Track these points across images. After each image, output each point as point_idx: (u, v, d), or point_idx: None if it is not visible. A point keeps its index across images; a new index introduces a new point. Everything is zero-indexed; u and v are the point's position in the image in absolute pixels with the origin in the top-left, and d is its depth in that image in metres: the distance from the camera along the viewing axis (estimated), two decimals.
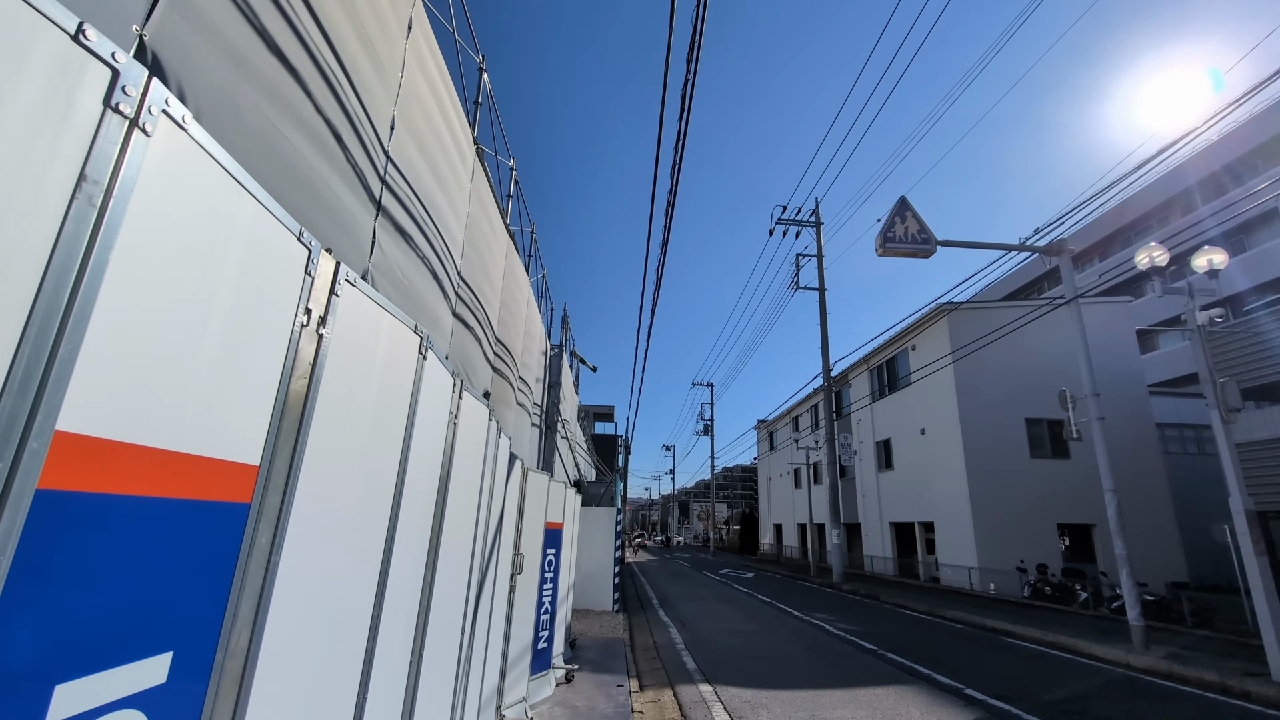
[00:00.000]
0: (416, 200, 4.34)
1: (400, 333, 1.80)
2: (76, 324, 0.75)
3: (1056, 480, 18.65)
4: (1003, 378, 19.31)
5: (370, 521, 1.69)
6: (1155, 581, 14.60)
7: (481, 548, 3.34)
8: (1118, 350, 20.07)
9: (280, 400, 1.25)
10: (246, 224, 1.09)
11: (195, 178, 0.96)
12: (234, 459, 1.12)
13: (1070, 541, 19.21)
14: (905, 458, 22.80)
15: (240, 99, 2.33)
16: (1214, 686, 7.25)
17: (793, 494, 35.27)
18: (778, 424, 39.82)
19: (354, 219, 3.42)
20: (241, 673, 1.19)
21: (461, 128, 5.20)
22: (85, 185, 0.76)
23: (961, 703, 6.21)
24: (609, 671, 6.99)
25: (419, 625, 2.15)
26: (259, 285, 1.15)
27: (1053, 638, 10.00)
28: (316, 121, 2.97)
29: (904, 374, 22.68)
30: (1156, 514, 18.44)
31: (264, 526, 1.23)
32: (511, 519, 4.82)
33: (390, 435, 1.77)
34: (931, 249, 10.60)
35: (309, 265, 1.30)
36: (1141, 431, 19.44)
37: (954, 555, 19.23)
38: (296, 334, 1.28)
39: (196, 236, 0.97)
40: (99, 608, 0.84)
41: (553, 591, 6.26)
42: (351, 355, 1.52)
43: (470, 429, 2.77)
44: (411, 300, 4.16)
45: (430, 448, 2.15)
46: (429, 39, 4.51)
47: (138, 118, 0.83)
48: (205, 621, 1.08)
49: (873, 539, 25.20)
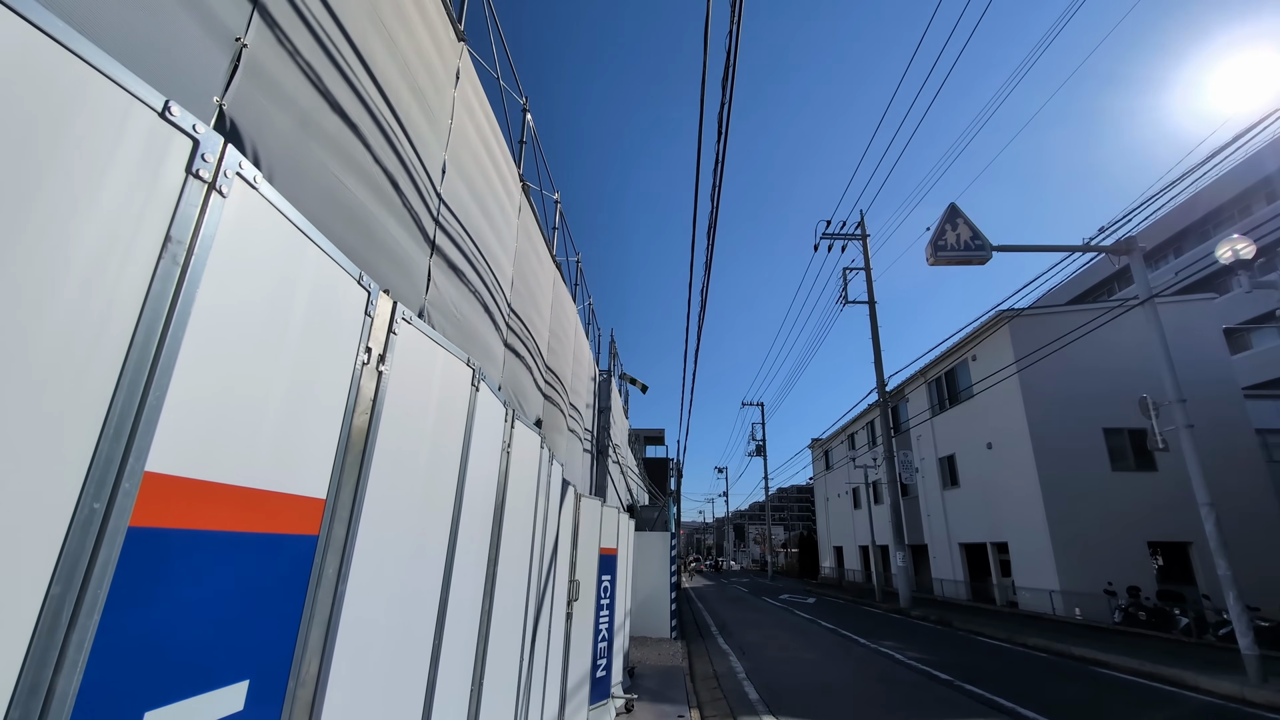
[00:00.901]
0: (468, 237, 4.53)
1: (454, 366, 1.87)
2: (163, 372, 0.82)
3: (1143, 494, 17.28)
4: (1075, 386, 18.18)
5: (429, 549, 1.74)
6: (1270, 605, 13.21)
7: (537, 574, 3.36)
8: (1203, 352, 18.62)
9: (344, 435, 1.31)
10: (311, 271, 1.17)
11: (266, 231, 1.04)
12: (302, 493, 1.18)
13: (1164, 561, 17.68)
14: (972, 474, 21.66)
15: (307, 156, 2.51)
16: None
17: (852, 514, 34.01)
18: (833, 442, 38.68)
19: (410, 259, 3.60)
20: (312, 700, 1.24)
21: (508, 166, 5.41)
22: (170, 245, 0.84)
23: None
24: (669, 701, 6.84)
25: (478, 653, 2.18)
26: (323, 328, 1.22)
27: (1151, 668, 9.16)
28: (375, 171, 3.17)
29: (965, 386, 21.69)
30: (1265, 529, 16.78)
31: (331, 557, 1.28)
32: (566, 545, 4.84)
33: (447, 465, 1.83)
34: (986, 255, 10.20)
35: (369, 306, 1.37)
36: (1238, 438, 17.85)
37: (1032, 577, 18.00)
38: (358, 372, 1.35)
39: (267, 286, 1.05)
40: (184, 638, 0.90)
41: (609, 618, 6.22)
42: (409, 390, 1.59)
43: (522, 457, 2.82)
44: (465, 333, 4.31)
45: (485, 476, 2.20)
46: (475, 86, 4.74)
47: (215, 181, 0.91)
48: (279, 650, 1.13)
49: (941, 561, 23.92)
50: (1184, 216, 28.01)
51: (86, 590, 0.73)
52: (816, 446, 42.25)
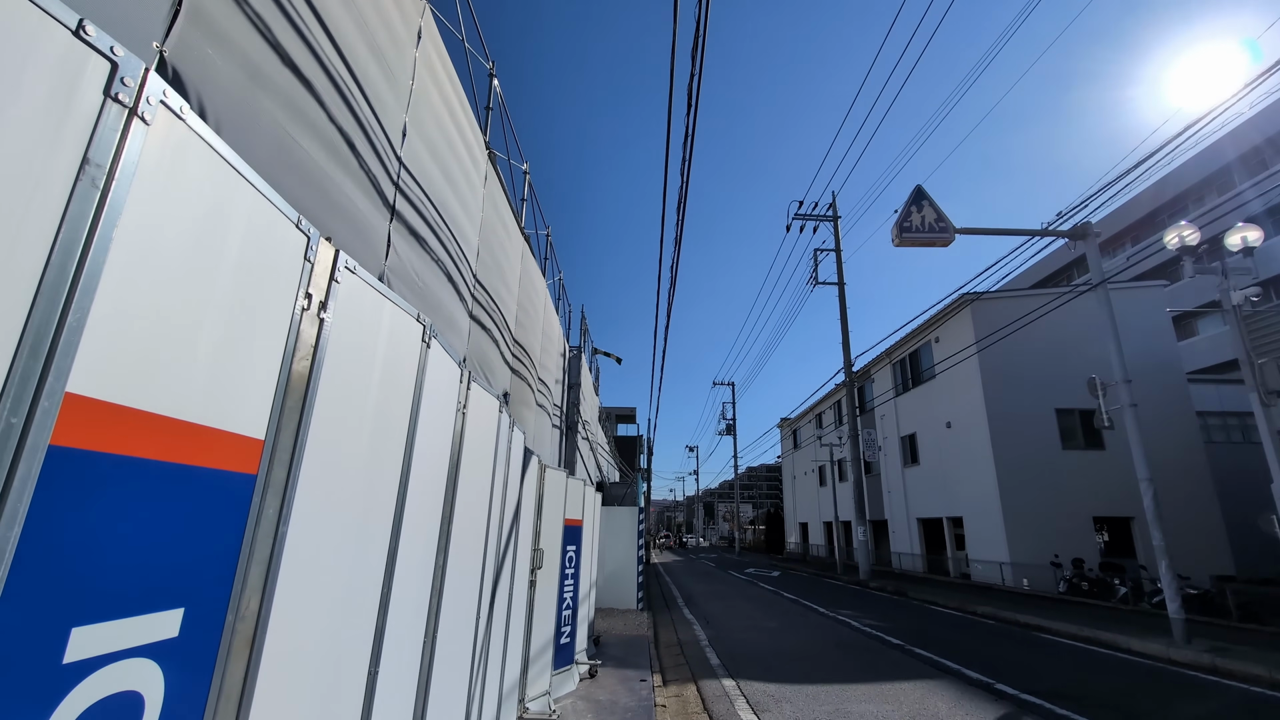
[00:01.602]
0: (430, 204, 4.46)
1: (402, 320, 1.87)
2: (84, 294, 0.82)
3: (1091, 472, 18.13)
4: (1031, 368, 18.86)
5: (378, 501, 1.76)
6: (1199, 575, 14.08)
7: (496, 538, 3.41)
8: (1152, 337, 19.46)
9: (284, 379, 1.32)
10: (245, 209, 1.17)
11: (194, 164, 1.03)
12: (240, 431, 1.19)
13: (1108, 535, 18.65)
14: (931, 452, 22.40)
15: (256, 110, 2.45)
16: (1262, 681, 6.98)
17: (818, 492, 34.90)
18: (801, 421, 39.45)
19: (369, 223, 3.54)
20: (253, 635, 1.26)
21: (473, 133, 5.32)
22: (89, 168, 0.83)
23: (991, 697, 6.10)
24: (633, 667, 7.02)
25: (432, 605, 2.22)
26: (259, 267, 1.22)
27: (1089, 633, 9.73)
28: (330, 130, 3.10)
29: (927, 367, 22.29)
30: (1199, 505, 17.80)
31: (271, 498, 1.30)
32: (529, 514, 4.89)
33: (396, 418, 1.84)
34: (950, 237, 10.43)
35: (308, 251, 1.37)
36: (1180, 420, 18.81)
37: (984, 551, 18.82)
38: (297, 317, 1.35)
39: (197, 218, 1.04)
40: (110, 559, 0.91)
41: (574, 588, 6.32)
42: (354, 340, 1.60)
43: (480, 420, 2.84)
44: (428, 303, 4.27)
45: (438, 434, 2.22)
46: (438, 47, 4.63)
47: (136, 107, 0.90)
48: (215, 583, 1.15)
49: (900, 536, 24.80)
50: (1142, 206, 28.97)
51: (5, 502, 0.74)
52: (785, 426, 43.05)
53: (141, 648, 0.98)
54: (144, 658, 0.99)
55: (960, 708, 5.72)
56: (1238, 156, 24.64)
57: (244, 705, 1.24)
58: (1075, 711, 5.60)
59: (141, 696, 0.99)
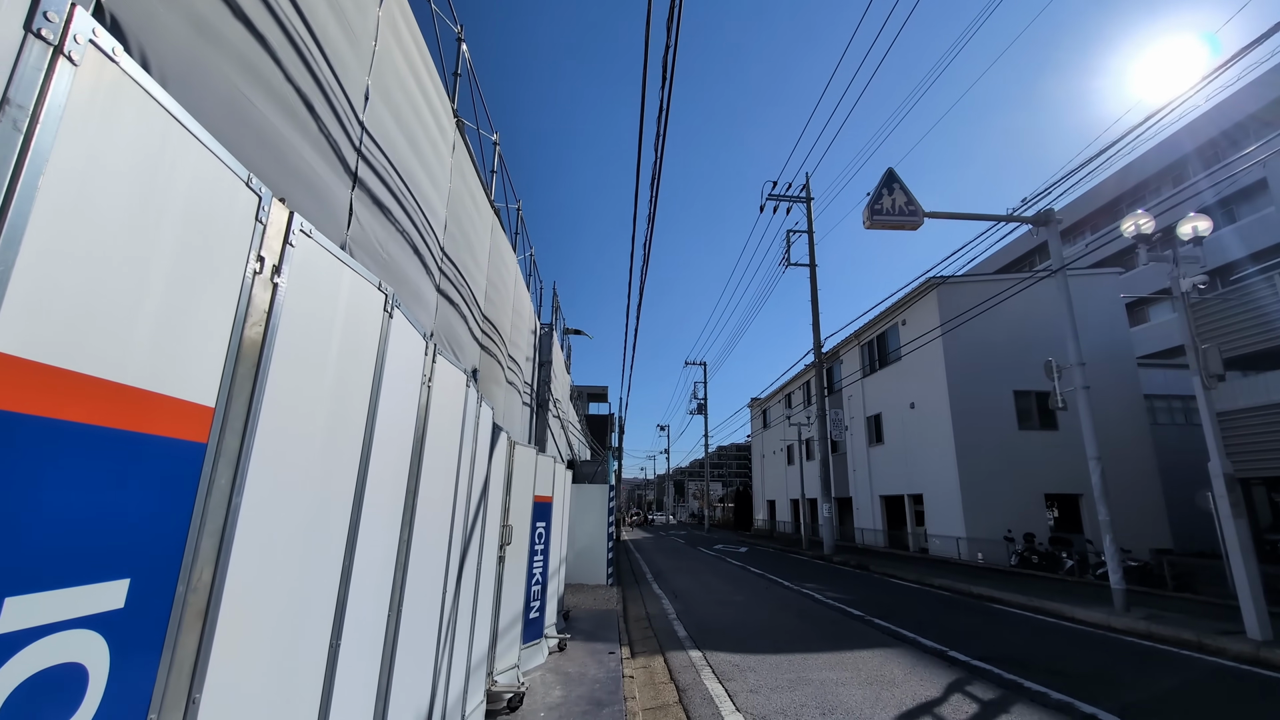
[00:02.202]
0: (395, 173, 4.32)
1: (363, 288, 1.81)
2: (6, 246, 0.77)
3: (1044, 451, 18.92)
4: (992, 351, 19.46)
5: (338, 473, 1.73)
6: (1140, 549, 14.90)
7: (464, 514, 3.39)
8: (1107, 322, 20.23)
9: (235, 345, 1.26)
10: (189, 162, 1.10)
11: (130, 110, 0.97)
12: (187, 398, 1.14)
13: (1059, 512, 19.55)
14: (895, 432, 23.03)
15: (206, 66, 2.32)
16: (1190, 644, 7.46)
17: (786, 470, 35.63)
18: (771, 401, 40.06)
19: (329, 190, 3.41)
20: (206, 608, 1.23)
21: (440, 99, 5.14)
22: (9, 109, 0.77)
23: (944, 664, 6.38)
24: (601, 640, 7.13)
25: (396, 578, 2.20)
26: (205, 227, 1.16)
27: (1037, 603, 10.23)
28: (287, 90, 2.95)
29: (894, 349, 22.80)
30: (1142, 483, 18.76)
31: (223, 468, 1.26)
32: (498, 490, 4.87)
33: (356, 388, 1.80)
34: (919, 220, 10.60)
35: (259, 212, 1.31)
36: (1129, 402, 19.69)
37: (942, 526, 19.55)
38: (249, 280, 1.29)
39: (135, 170, 0.98)
40: (47, 528, 0.87)
41: (544, 564, 6.35)
42: (311, 307, 1.54)
43: (446, 393, 2.80)
44: (393, 275, 4.16)
45: (402, 406, 2.18)
46: (403, 7, 4.45)
47: (62, 45, 0.83)
48: (163, 554, 1.11)
49: (863, 512, 25.56)
50: (1103, 195, 29.83)
51: None
52: (755, 406, 43.66)
53: (83, 619, 0.94)
54: (86, 629, 0.95)
55: (915, 673, 5.98)
56: (1194, 149, 25.49)
57: (198, 678, 1.21)
58: (1019, 675, 5.90)
59: (85, 668, 0.96)
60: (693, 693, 5.37)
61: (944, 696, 5.28)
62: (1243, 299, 14.17)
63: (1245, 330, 13.96)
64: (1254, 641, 7.10)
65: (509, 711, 4.58)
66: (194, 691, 1.20)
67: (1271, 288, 13.47)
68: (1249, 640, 7.17)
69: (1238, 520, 7.72)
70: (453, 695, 3.30)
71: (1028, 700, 5.18)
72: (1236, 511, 7.77)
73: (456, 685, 3.39)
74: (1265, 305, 13.58)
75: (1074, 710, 4.93)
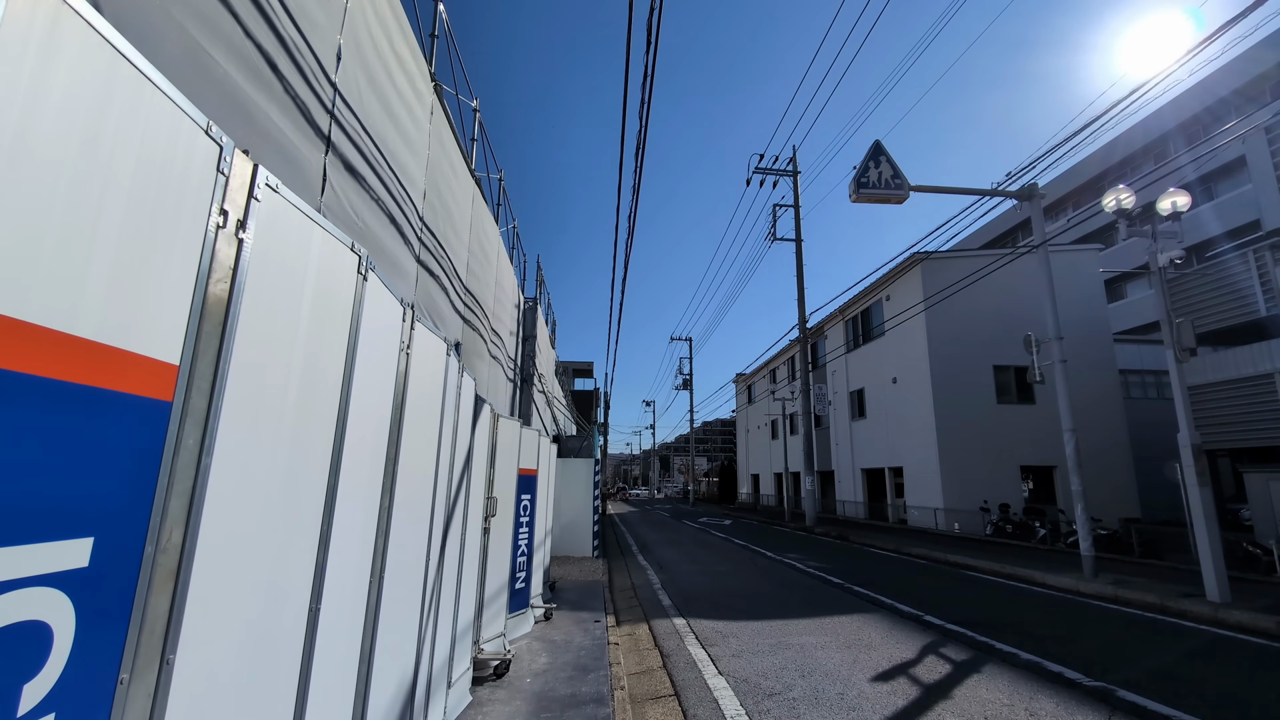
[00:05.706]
0: (368, 138, 4.19)
1: (335, 248, 1.76)
2: None
3: (1021, 425, 19.34)
4: (973, 326, 19.71)
5: (313, 436, 1.69)
6: (1111, 518, 15.38)
7: (447, 484, 3.37)
8: (1086, 299, 20.54)
9: (199, 301, 1.22)
10: (141, 105, 1.04)
11: (71, 43, 0.91)
12: (149, 354, 1.10)
13: (1034, 483, 20.08)
14: (877, 406, 23.36)
15: (159, 16, 2.20)
16: (1153, 607, 7.77)
17: (770, 445, 36.07)
18: (755, 377, 40.34)
19: (300, 154, 3.29)
20: (177, 568, 1.21)
21: (416, 62, 4.98)
22: None
23: (920, 628, 6.58)
24: (587, 610, 7.23)
25: (378, 546, 2.19)
26: (162, 174, 1.10)
27: (1010, 570, 10.55)
28: (249, 47, 2.83)
29: (878, 324, 22.99)
30: (1115, 455, 19.30)
31: (190, 428, 1.22)
32: (482, 462, 4.86)
33: (330, 353, 1.75)
34: (904, 194, 10.59)
35: (220, 163, 1.25)
36: (1104, 377, 20.12)
37: (921, 497, 20.00)
38: (212, 235, 1.24)
39: (79, 108, 0.93)
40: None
41: (529, 535, 6.39)
42: (279, 265, 1.49)
43: (426, 361, 2.76)
44: (370, 244, 4.06)
45: (379, 372, 2.14)
46: None
47: None
48: (128, 514, 1.08)
49: (845, 485, 26.04)
50: (1087, 171, 30.00)
51: None
52: (740, 381, 43.95)
53: (45, 576, 0.92)
54: (49, 587, 0.93)
55: (892, 637, 6.16)
56: (1177, 125, 25.64)
57: (171, 639, 1.20)
58: (991, 637, 6.11)
59: (49, 626, 0.94)
60: (676, 658, 5.49)
61: (919, 658, 5.45)
62: (1217, 275, 14.45)
63: (1218, 306, 14.27)
64: (1212, 604, 7.40)
65: (496, 678, 4.65)
66: (168, 653, 1.19)
67: (1245, 264, 13.74)
68: (1208, 603, 7.48)
69: (1203, 489, 7.98)
70: (438, 661, 3.33)
71: (999, 660, 5.37)
72: (1202, 481, 8.02)
73: (442, 652, 3.42)
74: (1238, 281, 13.87)
75: (1042, 669, 5.13)
